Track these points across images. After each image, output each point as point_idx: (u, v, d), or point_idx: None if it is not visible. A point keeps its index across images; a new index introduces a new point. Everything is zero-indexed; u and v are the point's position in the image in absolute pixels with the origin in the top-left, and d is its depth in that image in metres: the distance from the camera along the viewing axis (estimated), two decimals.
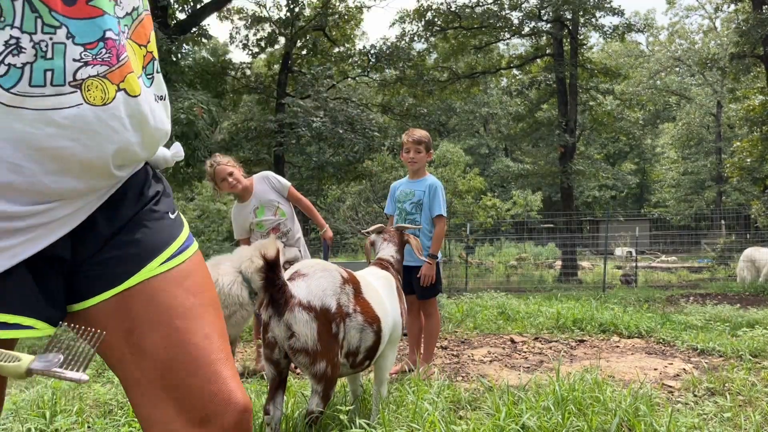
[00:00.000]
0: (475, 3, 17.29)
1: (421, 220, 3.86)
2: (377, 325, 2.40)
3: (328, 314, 2.17)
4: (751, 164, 17.26)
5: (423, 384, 2.95)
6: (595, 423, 2.41)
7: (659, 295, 9.03)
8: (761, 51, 14.96)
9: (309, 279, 2.23)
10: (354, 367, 2.39)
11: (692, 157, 31.40)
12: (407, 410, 2.56)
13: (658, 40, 35.84)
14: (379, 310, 2.44)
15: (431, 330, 3.91)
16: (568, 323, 5.45)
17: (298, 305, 2.12)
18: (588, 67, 17.28)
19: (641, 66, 30.04)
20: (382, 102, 18.58)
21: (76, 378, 0.77)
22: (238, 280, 3.64)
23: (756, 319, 5.44)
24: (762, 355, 4.09)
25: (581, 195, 32.56)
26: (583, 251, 20.26)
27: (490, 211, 23.18)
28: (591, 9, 16.27)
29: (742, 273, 10.45)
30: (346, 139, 13.24)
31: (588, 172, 18.01)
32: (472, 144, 36.14)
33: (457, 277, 12.99)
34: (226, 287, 3.60)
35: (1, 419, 2.61)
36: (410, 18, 17.63)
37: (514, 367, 4.05)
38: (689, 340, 4.70)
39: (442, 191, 3.91)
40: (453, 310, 6.20)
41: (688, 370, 3.87)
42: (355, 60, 17.18)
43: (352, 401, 2.77)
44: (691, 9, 33.11)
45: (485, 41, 18.41)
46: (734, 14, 20.84)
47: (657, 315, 6.02)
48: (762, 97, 16.44)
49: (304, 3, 16.23)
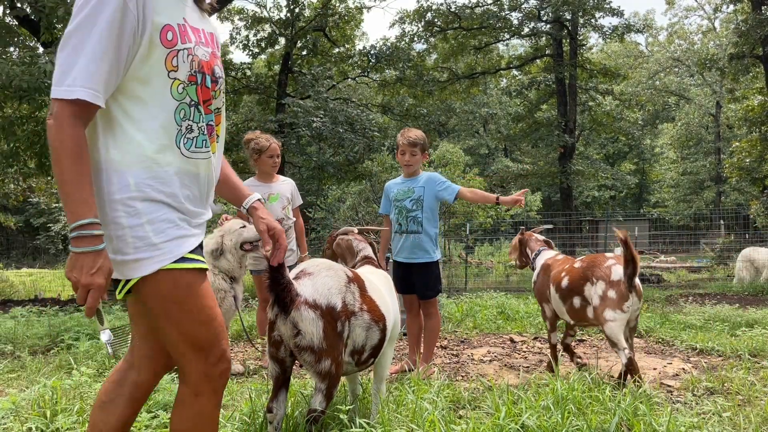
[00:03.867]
0: (475, 4, 17.31)
1: (422, 217, 3.86)
2: (383, 324, 2.41)
3: (333, 312, 2.19)
4: (750, 164, 17.28)
5: (423, 383, 2.96)
6: (594, 422, 2.41)
7: (658, 295, 9.03)
8: (760, 51, 14.98)
9: (315, 278, 2.24)
10: (358, 365, 2.40)
11: (691, 158, 31.41)
12: (407, 410, 2.57)
13: (657, 40, 35.88)
14: (384, 308, 2.46)
15: (431, 330, 3.91)
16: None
17: (304, 303, 2.13)
18: (587, 68, 17.31)
19: (640, 66, 30.07)
20: (382, 102, 18.58)
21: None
22: (210, 269, 3.74)
23: (755, 319, 5.45)
24: (761, 355, 4.10)
25: (580, 195, 32.58)
26: (583, 251, 20.26)
27: (490, 211, 23.15)
28: (590, 10, 16.29)
29: (741, 273, 10.45)
30: (346, 139, 13.25)
31: (587, 172, 18.04)
32: (472, 144, 36.15)
33: (456, 277, 12.99)
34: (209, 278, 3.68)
35: (1, 419, 2.61)
36: (410, 18, 17.65)
37: (514, 366, 4.06)
38: (688, 339, 4.71)
39: (440, 176, 3.94)
40: (453, 309, 6.21)
41: (687, 369, 3.88)
42: (355, 60, 17.18)
43: (351, 401, 2.77)
44: (690, 9, 33.25)
45: (485, 42, 18.44)
46: (733, 15, 20.88)
47: (656, 315, 6.03)
48: (761, 97, 16.46)
49: (304, 3, 16.24)
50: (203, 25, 1.65)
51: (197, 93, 1.57)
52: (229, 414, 2.67)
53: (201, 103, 1.59)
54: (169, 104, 1.53)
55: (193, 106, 1.58)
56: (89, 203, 1.40)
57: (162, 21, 1.48)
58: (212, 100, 1.63)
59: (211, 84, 1.61)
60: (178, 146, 1.55)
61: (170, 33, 1.50)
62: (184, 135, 1.56)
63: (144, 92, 1.50)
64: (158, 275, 1.49)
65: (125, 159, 1.48)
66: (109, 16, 1.40)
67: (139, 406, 1.73)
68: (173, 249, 1.50)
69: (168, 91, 1.52)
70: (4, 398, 2.79)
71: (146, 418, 2.57)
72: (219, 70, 1.65)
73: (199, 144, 1.60)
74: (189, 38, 1.54)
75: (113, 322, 5.29)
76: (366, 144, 13.60)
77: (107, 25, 1.40)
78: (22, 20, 9.24)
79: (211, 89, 1.62)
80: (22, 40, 10.32)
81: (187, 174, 1.57)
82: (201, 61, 1.57)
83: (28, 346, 4.56)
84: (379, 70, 17.21)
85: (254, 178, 4.40)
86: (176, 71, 1.52)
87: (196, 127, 1.59)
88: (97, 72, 1.40)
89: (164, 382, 2.99)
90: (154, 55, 1.48)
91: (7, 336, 4.78)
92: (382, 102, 18.58)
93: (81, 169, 1.40)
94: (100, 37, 1.40)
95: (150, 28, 1.46)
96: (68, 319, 5.46)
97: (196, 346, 1.56)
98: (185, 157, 1.56)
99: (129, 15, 1.42)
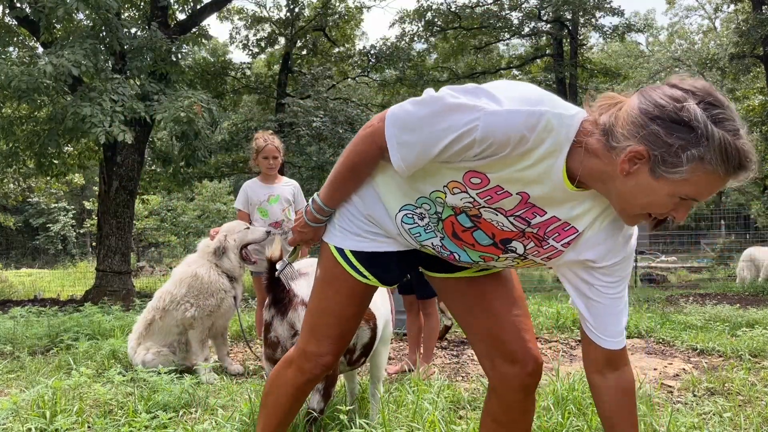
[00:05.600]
0: (475, 3, 17.30)
1: None
2: (373, 322, 2.41)
3: None
4: None
5: (423, 384, 2.96)
6: (594, 423, 2.41)
7: (659, 295, 9.03)
8: (761, 51, 14.97)
9: (310, 278, 2.24)
10: (351, 364, 2.40)
11: None
12: (407, 410, 2.57)
13: (657, 40, 35.88)
14: (373, 307, 2.45)
15: (431, 330, 3.91)
16: (567, 323, 5.45)
17: (301, 304, 2.13)
18: (588, 68, 17.30)
19: (641, 66, 30.03)
20: (382, 102, 18.56)
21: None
22: (213, 268, 3.75)
23: (755, 319, 5.44)
24: (761, 355, 4.09)
25: None
26: None
27: None
28: (591, 9, 16.27)
29: (742, 273, 10.44)
30: (347, 139, 13.22)
31: None
32: None
33: None
34: (205, 276, 3.72)
35: (1, 419, 2.61)
36: (410, 18, 17.63)
37: None
38: (689, 339, 4.70)
39: None
40: None
41: (687, 369, 3.87)
42: (355, 60, 17.17)
43: (350, 401, 2.77)
44: (690, 9, 33.21)
45: (485, 41, 18.43)
46: (734, 14, 20.86)
47: (656, 315, 6.02)
48: (761, 97, 16.46)
49: (304, 3, 16.23)
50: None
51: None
52: (229, 414, 2.67)
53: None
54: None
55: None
56: (337, 198, 1.59)
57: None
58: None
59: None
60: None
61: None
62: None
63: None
64: (326, 247, 1.65)
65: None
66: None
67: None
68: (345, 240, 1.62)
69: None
70: (4, 398, 2.78)
71: (146, 419, 2.56)
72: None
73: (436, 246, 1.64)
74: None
75: (111, 322, 5.28)
76: None
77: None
78: (22, 20, 9.24)
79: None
80: (21, 40, 10.33)
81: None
82: None
83: (27, 346, 4.56)
84: (379, 70, 17.20)
85: (257, 178, 4.40)
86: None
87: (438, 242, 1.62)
88: (419, 157, 1.45)
89: (164, 382, 2.98)
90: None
91: (7, 336, 4.78)
92: (382, 102, 18.56)
93: (356, 181, 1.56)
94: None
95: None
96: (67, 319, 5.45)
97: (310, 326, 1.68)
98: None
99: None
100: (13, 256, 25.12)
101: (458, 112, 1.24)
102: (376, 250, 1.59)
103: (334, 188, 1.56)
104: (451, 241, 1.51)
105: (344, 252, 1.59)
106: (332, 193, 1.58)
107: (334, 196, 1.58)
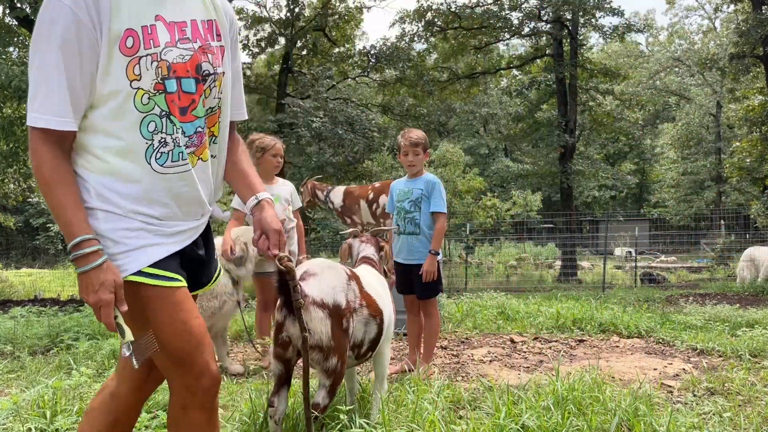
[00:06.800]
0: (475, 3, 17.30)
1: (420, 219, 3.86)
2: (380, 318, 2.47)
3: (339, 310, 2.24)
4: (750, 164, 17.29)
5: (423, 384, 2.96)
6: (594, 423, 2.41)
7: (659, 295, 9.03)
8: (761, 51, 14.97)
9: (319, 277, 2.28)
10: (358, 359, 2.46)
11: (692, 158, 31.38)
12: (407, 410, 2.57)
13: (657, 40, 35.90)
14: (380, 302, 2.53)
15: (431, 330, 3.91)
16: (567, 323, 5.45)
17: (312, 304, 2.16)
18: (588, 68, 17.28)
19: (641, 66, 30.04)
20: (382, 102, 18.58)
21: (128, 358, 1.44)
22: (229, 276, 3.74)
23: (755, 319, 5.44)
24: (761, 355, 4.10)
25: (581, 195, 32.56)
26: (583, 251, 20.28)
27: (490, 211, 23.18)
28: (591, 9, 16.26)
29: (742, 273, 10.44)
30: (346, 139, 13.26)
31: (588, 173, 18.02)
32: (472, 144, 36.14)
33: (456, 277, 12.98)
34: None
35: (1, 419, 2.61)
36: (410, 18, 17.62)
37: (514, 366, 4.05)
38: (689, 340, 4.70)
39: (441, 187, 3.91)
40: (453, 310, 6.20)
41: (687, 369, 3.87)
42: (355, 60, 17.18)
43: (350, 400, 2.77)
44: (690, 9, 33.23)
45: (485, 41, 18.41)
46: (734, 14, 20.86)
47: (656, 315, 6.02)
48: (761, 97, 16.46)
49: (304, 3, 16.24)
50: (195, 15, 1.51)
51: (167, 102, 1.43)
52: (229, 414, 2.67)
53: (175, 112, 1.45)
54: (132, 117, 1.41)
55: (165, 117, 1.44)
56: (75, 223, 1.36)
57: (121, 27, 1.37)
58: (196, 104, 1.49)
59: (196, 86, 1.47)
60: (148, 162, 1.44)
61: (130, 39, 1.38)
62: (157, 150, 1.44)
63: (106, 106, 1.40)
64: (125, 283, 1.42)
65: (89, 169, 1.44)
66: (63, 34, 1.32)
67: (113, 419, 1.64)
68: (128, 262, 1.42)
69: (131, 103, 1.40)
70: (4, 398, 2.78)
71: (146, 418, 2.57)
72: (209, 66, 1.50)
73: (175, 157, 1.47)
74: (156, 41, 1.41)
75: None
76: (366, 144, 13.61)
77: (63, 43, 1.32)
78: (22, 20, 9.25)
79: (197, 92, 1.48)
80: (21, 40, 10.33)
81: (161, 190, 1.47)
82: (173, 64, 1.42)
83: (27, 346, 4.56)
84: (379, 70, 17.21)
85: None
86: (139, 80, 1.39)
87: (171, 140, 1.46)
88: (62, 96, 1.34)
89: (166, 383, 2.98)
90: (113, 64, 1.37)
91: (7, 336, 4.78)
92: (382, 102, 18.58)
93: (64, 190, 1.37)
94: (58, 58, 1.32)
95: (106, 36, 1.35)
96: (68, 319, 5.45)
97: (174, 357, 1.49)
98: (157, 173, 1.46)
99: (83, 28, 1.33)
100: (14, 256, 25.12)
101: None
102: (165, 255, 1.47)
103: (60, 213, 1.38)
104: (192, 122, 1.49)
105: (144, 272, 1.43)
106: (68, 219, 1.37)
107: (73, 220, 1.37)
